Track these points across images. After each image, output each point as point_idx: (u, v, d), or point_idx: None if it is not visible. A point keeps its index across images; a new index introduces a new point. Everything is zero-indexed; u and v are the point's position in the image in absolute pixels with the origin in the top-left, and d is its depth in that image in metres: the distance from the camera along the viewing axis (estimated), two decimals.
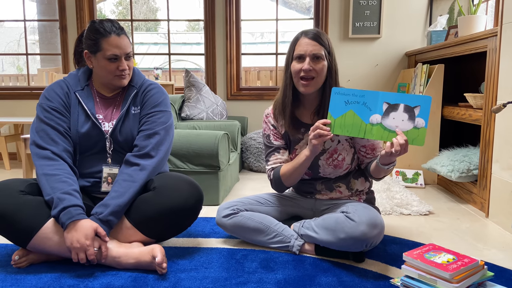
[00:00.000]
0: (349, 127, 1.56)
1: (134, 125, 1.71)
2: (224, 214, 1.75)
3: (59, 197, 1.48)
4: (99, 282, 1.42)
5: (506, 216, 2.01)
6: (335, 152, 1.71)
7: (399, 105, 1.51)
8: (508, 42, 2.01)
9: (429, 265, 1.31)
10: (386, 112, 1.52)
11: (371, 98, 1.54)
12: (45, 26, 5.11)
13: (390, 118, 1.51)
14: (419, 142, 1.49)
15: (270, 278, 1.46)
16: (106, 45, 1.61)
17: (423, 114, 1.48)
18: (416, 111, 1.49)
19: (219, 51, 3.87)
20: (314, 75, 1.63)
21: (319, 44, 1.63)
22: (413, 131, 1.49)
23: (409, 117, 1.49)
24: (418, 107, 1.49)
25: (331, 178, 1.77)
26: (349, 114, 1.57)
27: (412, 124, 1.49)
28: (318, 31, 1.67)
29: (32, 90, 4.09)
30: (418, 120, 1.49)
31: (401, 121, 1.50)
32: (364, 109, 1.54)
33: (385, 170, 1.62)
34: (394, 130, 1.50)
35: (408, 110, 1.50)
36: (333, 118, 1.58)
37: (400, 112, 1.50)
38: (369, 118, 1.54)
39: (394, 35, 3.70)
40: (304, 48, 1.64)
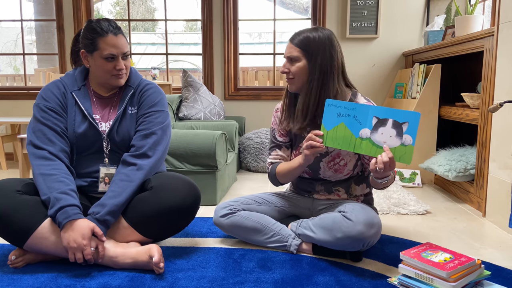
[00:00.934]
0: (340, 140, 1.54)
1: (131, 125, 1.70)
2: (221, 214, 1.75)
3: (56, 197, 1.48)
4: (96, 282, 1.42)
5: (503, 215, 2.02)
6: (337, 157, 1.70)
7: (388, 120, 1.46)
8: (505, 42, 2.02)
9: (426, 264, 1.32)
10: (375, 127, 1.49)
11: (362, 112, 1.51)
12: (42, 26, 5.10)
13: (379, 133, 1.48)
14: (406, 160, 1.45)
15: (268, 277, 1.46)
16: (103, 45, 1.61)
17: (411, 131, 1.43)
18: (404, 127, 1.44)
19: (217, 51, 3.87)
20: (291, 76, 1.67)
21: (294, 46, 1.65)
22: (400, 148, 1.45)
23: (397, 133, 1.45)
24: (407, 124, 1.44)
25: (331, 181, 1.77)
26: (340, 127, 1.54)
27: (400, 141, 1.45)
28: (305, 34, 1.64)
29: (29, 90, 4.08)
30: (406, 137, 1.44)
31: (389, 137, 1.46)
32: (355, 122, 1.52)
33: (379, 183, 1.59)
34: (381, 146, 1.47)
35: (396, 126, 1.45)
36: (325, 130, 1.56)
37: (388, 128, 1.46)
38: (359, 132, 1.51)
39: (391, 35, 3.71)
40: (285, 51, 1.70)
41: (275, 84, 4.22)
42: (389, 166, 1.44)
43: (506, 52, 2.00)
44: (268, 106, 3.91)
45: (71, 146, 1.66)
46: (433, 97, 2.97)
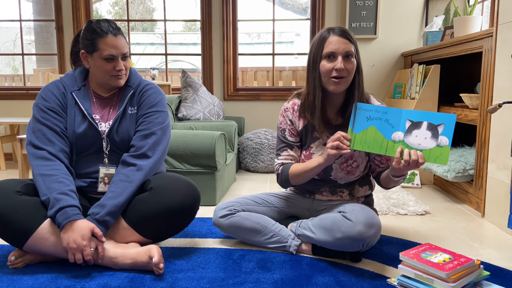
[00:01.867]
0: (370, 143, 1.55)
1: (131, 126, 1.70)
2: (221, 215, 1.75)
3: (55, 198, 1.48)
4: (95, 282, 1.42)
5: (502, 215, 2.02)
6: (350, 158, 1.69)
7: (422, 123, 1.50)
8: (504, 43, 2.02)
9: (426, 265, 1.32)
10: (409, 130, 1.51)
11: (394, 115, 1.53)
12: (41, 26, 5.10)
13: (413, 136, 1.50)
14: (443, 161, 1.47)
15: (267, 278, 1.46)
16: (102, 45, 1.61)
17: (447, 132, 1.47)
18: (439, 129, 1.48)
19: (216, 52, 3.87)
20: (345, 74, 1.59)
21: (349, 41, 1.59)
22: (436, 149, 1.48)
23: (432, 135, 1.48)
24: (442, 125, 1.48)
25: (338, 183, 1.75)
26: (370, 130, 1.55)
27: (435, 142, 1.48)
28: (343, 28, 1.62)
29: (28, 90, 4.08)
30: (442, 138, 1.47)
31: (424, 139, 1.49)
32: (387, 126, 1.54)
33: (395, 181, 1.62)
34: (416, 148, 1.49)
35: (431, 128, 1.49)
36: (353, 134, 1.57)
37: (423, 130, 1.49)
38: (391, 135, 1.53)
39: (390, 36, 3.71)
40: (336, 46, 1.58)
41: (274, 85, 4.22)
42: (415, 165, 1.47)
43: (505, 53, 2.00)
44: (267, 106, 3.91)
45: (70, 146, 1.66)
46: (432, 98, 2.97)
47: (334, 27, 1.63)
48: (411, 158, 1.46)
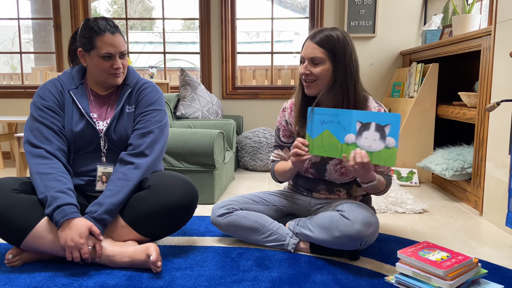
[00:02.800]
0: (326, 148, 1.53)
1: (129, 124, 1.70)
2: (219, 213, 1.75)
3: (53, 196, 1.47)
4: (93, 281, 1.42)
5: (500, 214, 2.02)
6: (339, 161, 1.69)
7: (371, 124, 1.45)
8: (502, 41, 2.02)
9: (423, 263, 1.32)
10: (360, 132, 1.47)
11: (345, 117, 1.49)
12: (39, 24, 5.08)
13: (364, 138, 1.47)
14: (391, 163, 1.43)
15: (265, 276, 1.46)
16: (100, 43, 1.61)
17: (393, 133, 1.42)
18: (386, 130, 1.43)
19: (215, 50, 3.87)
20: (313, 78, 1.60)
21: (319, 47, 1.57)
22: (384, 151, 1.44)
23: (380, 136, 1.44)
24: (389, 126, 1.43)
25: (334, 182, 1.76)
26: (325, 134, 1.53)
27: (384, 144, 1.44)
28: (327, 34, 1.58)
29: (26, 89, 4.07)
30: (389, 139, 1.43)
31: (373, 140, 1.45)
32: (339, 128, 1.50)
33: (366, 188, 1.58)
34: (367, 150, 1.46)
35: (379, 129, 1.44)
36: (311, 139, 1.55)
37: (372, 131, 1.45)
38: (344, 137, 1.50)
39: (389, 34, 3.71)
40: (304, 51, 1.61)
41: (273, 83, 4.21)
42: (363, 166, 1.44)
43: (503, 51, 2.00)
44: (266, 105, 3.91)
45: (68, 144, 1.66)
46: (430, 96, 2.98)
47: (319, 30, 1.61)
48: (356, 161, 1.43)
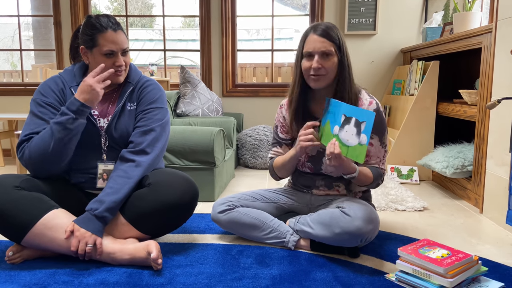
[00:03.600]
0: (327, 137, 1.58)
1: (130, 122, 1.70)
2: (219, 210, 1.75)
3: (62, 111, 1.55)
4: (94, 278, 1.42)
5: (500, 212, 2.02)
6: None
7: (352, 119, 1.48)
8: (503, 39, 2.02)
9: (424, 260, 1.32)
10: (343, 124, 1.51)
11: (336, 109, 1.54)
12: (39, 21, 5.08)
13: (344, 131, 1.50)
14: (360, 159, 1.45)
15: (265, 273, 1.47)
16: (102, 41, 1.60)
17: (367, 130, 1.43)
18: (362, 127, 1.45)
19: (215, 48, 3.86)
20: (324, 72, 1.61)
21: (328, 40, 1.60)
22: (357, 147, 1.46)
23: (357, 132, 1.46)
24: (364, 123, 1.44)
25: (332, 177, 1.77)
26: (327, 124, 1.60)
27: (358, 140, 1.46)
28: (328, 26, 1.63)
29: (26, 86, 4.07)
30: (362, 136, 1.45)
31: (351, 135, 1.48)
32: (333, 119, 1.56)
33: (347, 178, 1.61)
34: (345, 144, 1.49)
35: (357, 124, 1.47)
36: (321, 127, 1.61)
37: (351, 126, 1.48)
38: (333, 128, 1.55)
39: (389, 32, 3.70)
40: (313, 45, 1.61)
41: (273, 81, 4.21)
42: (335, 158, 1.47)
43: (504, 48, 2.00)
44: (266, 102, 3.90)
45: None
46: (431, 94, 2.97)
47: (319, 24, 1.64)
48: (329, 151, 1.47)
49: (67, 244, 1.47)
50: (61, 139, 1.53)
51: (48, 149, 1.53)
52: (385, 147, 1.71)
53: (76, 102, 1.54)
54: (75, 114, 1.54)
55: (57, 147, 1.53)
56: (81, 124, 1.56)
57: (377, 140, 1.69)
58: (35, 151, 1.54)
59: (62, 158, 1.57)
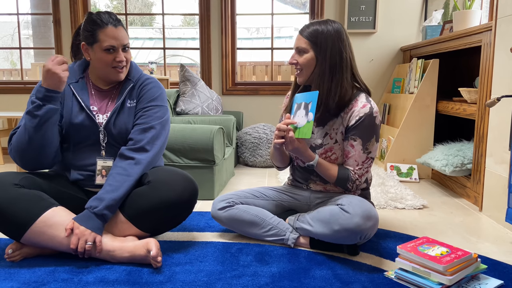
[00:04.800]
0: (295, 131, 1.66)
1: (129, 119, 1.70)
2: (219, 207, 1.75)
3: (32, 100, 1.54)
4: (93, 275, 1.42)
5: (500, 210, 2.03)
6: (330, 150, 1.71)
7: (301, 104, 1.62)
8: (503, 37, 2.01)
9: (423, 258, 1.32)
10: (295, 111, 1.64)
11: (295, 101, 1.68)
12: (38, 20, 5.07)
13: (297, 116, 1.62)
14: (307, 135, 1.54)
15: (265, 271, 1.47)
16: (103, 36, 1.60)
17: (312, 108, 1.55)
18: (309, 107, 1.57)
19: (214, 46, 3.86)
20: (300, 67, 1.69)
21: (303, 37, 1.66)
22: (306, 125, 1.56)
23: (305, 113, 1.58)
24: (311, 103, 1.56)
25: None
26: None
27: (306, 119, 1.57)
28: (315, 26, 1.65)
29: (26, 84, 4.06)
30: (310, 114, 1.56)
31: (301, 117, 1.59)
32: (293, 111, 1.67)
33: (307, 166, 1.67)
34: (297, 127, 1.60)
35: (305, 106, 1.59)
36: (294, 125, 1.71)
37: (301, 110, 1.61)
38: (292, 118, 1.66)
39: (389, 30, 3.70)
40: (294, 42, 1.71)
41: (273, 79, 4.20)
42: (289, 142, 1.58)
43: (504, 46, 2.00)
44: (266, 101, 3.90)
45: (67, 136, 1.66)
46: (430, 92, 2.97)
47: (306, 24, 1.70)
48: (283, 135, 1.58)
49: (67, 241, 1.47)
50: (33, 127, 1.52)
51: (25, 140, 1.54)
52: (368, 153, 1.66)
53: (41, 89, 1.53)
54: (41, 101, 1.52)
55: (32, 136, 1.53)
56: (50, 109, 1.53)
57: (359, 144, 1.64)
58: (16, 143, 1.56)
59: (43, 148, 1.56)
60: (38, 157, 1.58)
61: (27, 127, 1.53)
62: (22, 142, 1.54)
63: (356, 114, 1.63)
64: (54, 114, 1.56)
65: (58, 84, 1.53)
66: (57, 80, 1.52)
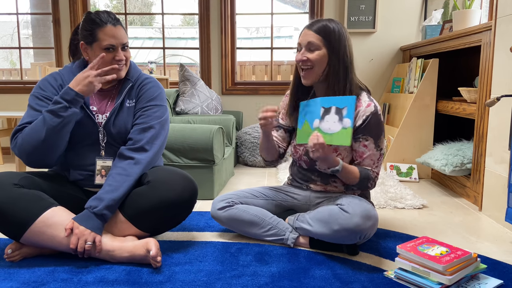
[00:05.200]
0: (305, 136, 1.63)
1: (128, 118, 1.70)
2: (219, 207, 1.75)
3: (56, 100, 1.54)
4: (93, 275, 1.42)
5: (499, 209, 2.03)
6: (335, 151, 1.70)
7: (331, 108, 1.56)
8: (502, 36, 2.01)
9: (423, 258, 1.32)
10: (323, 116, 1.57)
11: (314, 105, 1.61)
12: (38, 19, 5.07)
13: (325, 121, 1.57)
14: (346, 142, 1.51)
15: (265, 271, 1.47)
16: (102, 35, 1.60)
17: (349, 114, 1.51)
18: (344, 112, 1.52)
19: (214, 46, 3.86)
20: (310, 64, 1.63)
21: (315, 33, 1.61)
22: (341, 132, 1.53)
23: (339, 119, 1.53)
24: (346, 108, 1.52)
25: (327, 173, 1.77)
26: (305, 124, 1.65)
27: (341, 125, 1.53)
28: (324, 23, 1.63)
29: (25, 84, 4.06)
30: (345, 120, 1.52)
31: (333, 123, 1.55)
32: (311, 116, 1.61)
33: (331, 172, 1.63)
34: (327, 132, 1.55)
35: (338, 112, 1.54)
36: (298, 129, 1.68)
37: (332, 115, 1.55)
38: (313, 123, 1.60)
39: (389, 30, 3.70)
40: (301, 38, 1.66)
41: (273, 79, 4.20)
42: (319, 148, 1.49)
43: (504, 46, 2.00)
44: (266, 100, 3.90)
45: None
46: (430, 92, 2.97)
47: (315, 21, 1.66)
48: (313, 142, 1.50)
49: (66, 241, 1.47)
50: (54, 127, 1.52)
51: (40, 137, 1.52)
52: (380, 150, 1.69)
53: (71, 92, 1.53)
54: (69, 103, 1.53)
55: (49, 135, 1.52)
56: (74, 113, 1.55)
57: (372, 143, 1.66)
58: (28, 139, 1.54)
59: (54, 148, 1.56)
60: (47, 156, 1.57)
61: (47, 125, 1.52)
62: (36, 139, 1.53)
63: (362, 114, 1.63)
64: (76, 118, 1.58)
65: (89, 92, 1.56)
66: (91, 89, 1.56)
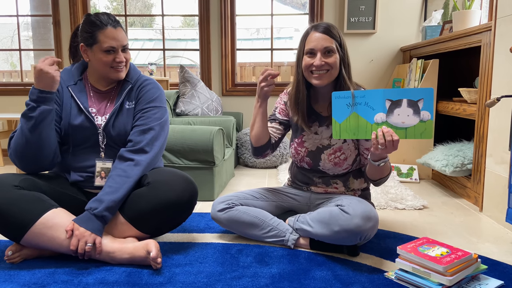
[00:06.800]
0: (355, 130, 1.55)
1: (128, 120, 1.70)
2: (219, 208, 1.75)
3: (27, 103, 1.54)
4: (93, 277, 1.42)
5: (500, 210, 2.02)
6: (339, 150, 1.71)
7: (402, 101, 1.49)
8: (502, 37, 2.01)
9: (423, 258, 1.32)
10: (391, 109, 1.50)
11: (372, 97, 1.52)
12: (38, 21, 5.07)
13: (395, 115, 1.50)
14: (428, 135, 1.48)
15: (265, 272, 1.46)
16: (102, 37, 1.60)
17: (427, 106, 1.47)
18: (420, 105, 1.48)
19: (214, 47, 3.86)
20: (328, 68, 1.64)
21: (330, 37, 1.63)
22: (420, 125, 1.48)
23: (414, 112, 1.48)
24: (422, 100, 1.47)
25: (329, 174, 1.77)
26: (352, 117, 1.55)
27: (418, 118, 1.48)
28: (329, 24, 1.66)
29: (26, 86, 4.07)
30: (424, 113, 1.47)
31: (407, 116, 1.49)
32: (367, 109, 1.53)
33: (375, 167, 1.60)
34: (401, 127, 1.49)
35: (412, 104, 1.48)
36: (337, 123, 1.57)
37: (404, 108, 1.49)
38: (374, 117, 1.52)
39: (389, 31, 3.70)
40: (315, 43, 1.63)
41: None
42: (392, 145, 1.45)
43: (504, 46, 2.00)
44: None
45: (66, 138, 1.66)
46: None
47: (319, 24, 1.66)
48: (386, 139, 1.46)
49: (67, 243, 1.47)
50: (29, 129, 1.52)
51: (22, 142, 1.54)
52: None
53: (34, 90, 1.53)
54: (35, 103, 1.52)
55: (28, 137, 1.53)
56: (45, 110, 1.53)
57: None
58: (14, 146, 1.56)
59: (40, 149, 1.56)
60: (36, 158, 1.58)
61: (23, 129, 1.53)
62: (19, 144, 1.55)
63: None
64: (49, 114, 1.55)
65: (51, 84, 1.53)
66: (50, 80, 1.52)
